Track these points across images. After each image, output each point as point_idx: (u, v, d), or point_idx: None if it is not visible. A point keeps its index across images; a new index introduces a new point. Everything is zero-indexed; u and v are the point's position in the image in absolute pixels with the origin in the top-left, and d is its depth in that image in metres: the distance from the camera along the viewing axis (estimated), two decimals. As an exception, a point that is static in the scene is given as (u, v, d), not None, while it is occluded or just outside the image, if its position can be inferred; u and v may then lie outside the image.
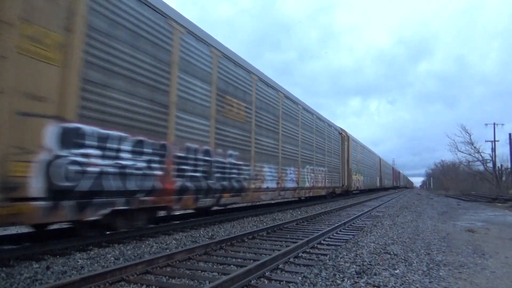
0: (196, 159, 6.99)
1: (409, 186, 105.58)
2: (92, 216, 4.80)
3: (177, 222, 7.90)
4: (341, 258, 4.53)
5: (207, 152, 7.36)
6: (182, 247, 5.15)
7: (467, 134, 44.08)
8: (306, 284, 3.42)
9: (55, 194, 4.21)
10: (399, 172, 74.03)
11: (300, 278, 3.61)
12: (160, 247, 5.25)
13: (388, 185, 46.65)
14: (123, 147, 5.25)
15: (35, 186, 3.99)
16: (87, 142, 4.67)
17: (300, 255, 4.82)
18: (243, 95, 9.09)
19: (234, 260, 4.55)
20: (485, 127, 40.67)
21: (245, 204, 13.44)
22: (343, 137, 20.82)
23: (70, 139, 4.42)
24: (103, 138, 4.92)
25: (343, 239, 6.14)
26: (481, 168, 45.03)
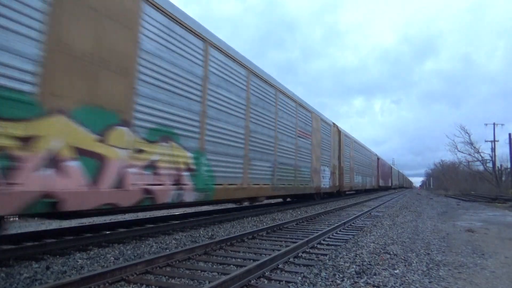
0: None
1: (407, 185, 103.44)
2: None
3: (177, 222, 7.90)
4: (340, 258, 4.53)
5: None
6: (182, 247, 5.15)
7: (467, 134, 44.18)
8: (306, 284, 3.42)
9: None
10: (391, 168, 54.38)
11: (300, 278, 3.61)
12: (160, 247, 5.26)
13: (366, 185, 28.69)
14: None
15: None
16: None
17: (300, 255, 4.82)
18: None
19: (234, 260, 4.55)
20: (485, 127, 40.78)
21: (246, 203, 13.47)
22: None
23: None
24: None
25: (343, 239, 6.14)
26: (481, 168, 45.10)
